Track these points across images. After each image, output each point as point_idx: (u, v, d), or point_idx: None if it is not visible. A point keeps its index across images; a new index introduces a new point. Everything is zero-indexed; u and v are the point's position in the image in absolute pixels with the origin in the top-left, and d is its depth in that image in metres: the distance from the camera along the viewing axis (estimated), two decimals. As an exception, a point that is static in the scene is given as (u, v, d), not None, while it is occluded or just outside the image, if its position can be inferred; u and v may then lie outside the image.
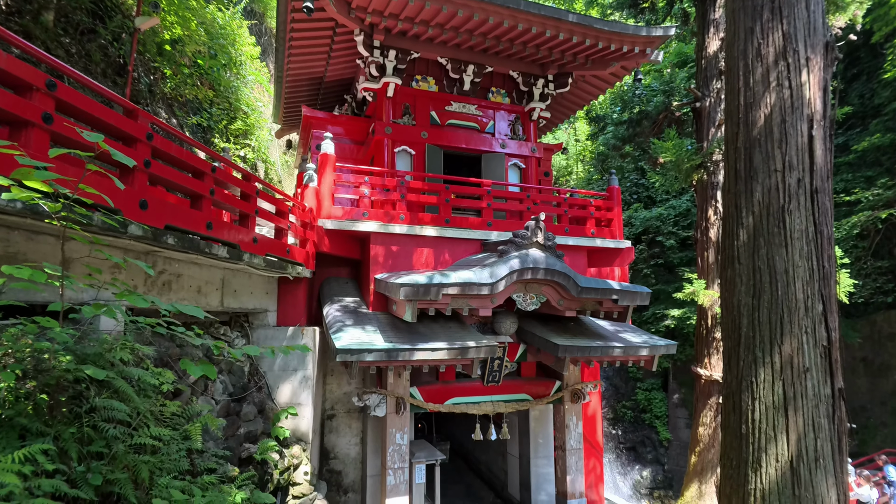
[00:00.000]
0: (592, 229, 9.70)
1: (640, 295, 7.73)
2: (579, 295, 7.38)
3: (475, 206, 8.97)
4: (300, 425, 7.34)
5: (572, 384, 8.88)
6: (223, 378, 6.24)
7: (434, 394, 8.11)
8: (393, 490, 7.51)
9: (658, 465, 17.67)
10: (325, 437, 8.92)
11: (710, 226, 10.50)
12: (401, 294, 6.45)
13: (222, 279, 6.28)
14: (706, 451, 9.80)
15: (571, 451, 8.76)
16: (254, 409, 6.54)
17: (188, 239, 4.72)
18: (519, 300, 7.33)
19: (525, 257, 7.13)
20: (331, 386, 9.04)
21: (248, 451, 5.92)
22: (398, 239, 8.30)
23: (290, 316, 7.78)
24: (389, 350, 6.59)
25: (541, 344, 7.92)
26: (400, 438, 7.66)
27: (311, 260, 7.68)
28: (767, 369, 4.32)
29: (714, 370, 9.91)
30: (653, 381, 18.65)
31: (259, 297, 7.21)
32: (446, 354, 6.88)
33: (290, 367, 7.40)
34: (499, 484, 10.95)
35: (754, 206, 4.63)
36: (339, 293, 8.49)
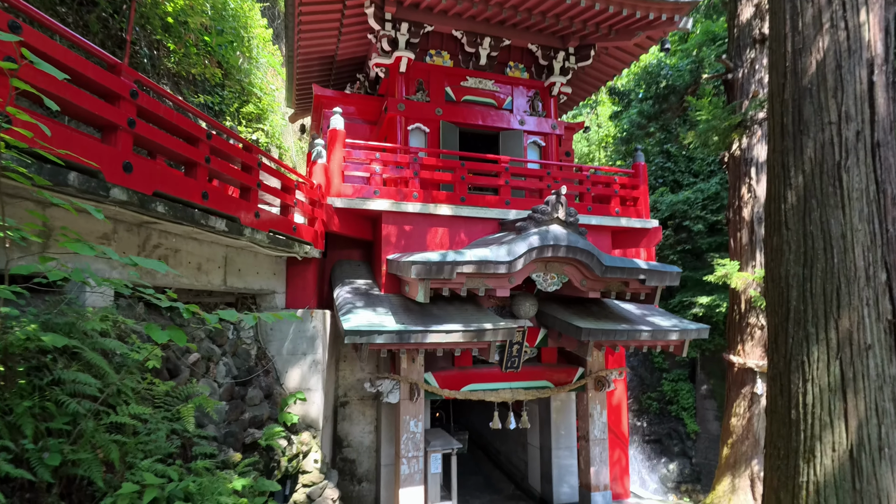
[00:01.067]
0: (617, 208, 9.17)
1: (669, 275, 7.21)
2: (603, 275, 6.89)
3: (492, 184, 8.52)
4: (310, 411, 7.04)
5: (596, 371, 8.40)
6: (227, 360, 5.95)
7: (450, 380, 7.73)
8: (407, 480, 7.17)
9: (685, 458, 17.04)
10: (338, 425, 8.63)
11: (744, 205, 9.86)
12: (413, 273, 6.06)
13: (225, 257, 5.98)
14: (739, 443, 9.24)
15: (595, 441, 8.30)
16: (260, 393, 6.25)
17: (181, 209, 4.40)
18: (539, 280, 6.89)
19: (545, 234, 6.67)
20: (343, 372, 8.75)
21: (252, 436, 5.62)
22: (411, 218, 7.91)
23: (299, 298, 7.47)
24: (401, 332, 6.22)
25: (562, 327, 7.46)
26: (414, 426, 7.31)
27: (319, 239, 7.34)
28: (822, 347, 3.82)
29: (748, 357, 9.32)
30: (679, 372, 17.99)
31: (266, 277, 6.91)
32: (461, 337, 6.49)
33: (299, 350, 7.09)
34: (518, 475, 10.55)
35: (805, 163, 4.10)
36: (351, 275, 8.16)
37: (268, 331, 7.10)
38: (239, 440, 5.43)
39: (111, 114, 3.68)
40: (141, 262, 2.63)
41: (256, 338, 6.99)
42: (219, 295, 6.46)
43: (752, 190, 9.84)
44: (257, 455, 5.63)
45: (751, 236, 9.76)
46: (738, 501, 8.96)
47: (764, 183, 9.84)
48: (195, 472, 4.01)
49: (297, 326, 7.13)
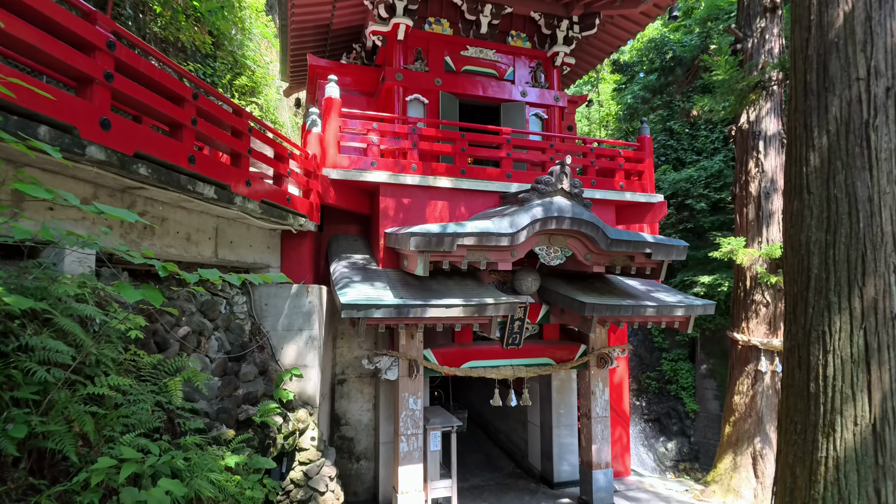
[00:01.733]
0: (621, 182, 8.91)
1: (675, 248, 7.00)
2: (609, 248, 6.68)
3: (493, 156, 8.24)
4: (306, 388, 6.86)
5: (598, 348, 8.24)
6: (219, 335, 5.75)
7: (450, 357, 7.55)
8: (406, 457, 7.04)
9: (684, 437, 17.04)
10: (336, 403, 8.48)
11: (751, 179, 9.61)
12: (412, 245, 5.83)
13: (216, 228, 5.73)
14: (742, 421, 9.13)
15: (597, 419, 8.17)
16: (254, 369, 6.06)
17: (166, 173, 4.14)
18: (542, 254, 6.67)
19: (549, 205, 6.43)
20: (341, 349, 8.57)
21: (246, 413, 5.44)
22: (410, 191, 7.65)
23: (294, 273, 7.25)
24: (399, 306, 6.02)
25: (565, 303, 7.27)
26: (413, 403, 7.16)
27: (315, 212, 7.09)
28: (844, 316, 3.61)
29: (752, 335, 9.16)
30: (679, 352, 17.90)
31: (259, 251, 6.67)
32: (462, 312, 6.29)
33: (295, 326, 6.89)
34: (519, 453, 10.47)
35: (829, 122, 3.85)
36: (348, 250, 7.92)
37: (262, 306, 6.89)
38: (232, 417, 5.25)
39: (86, 65, 3.40)
40: (108, 210, 2.39)
41: (250, 313, 6.78)
42: (208, 267, 6.22)
43: (759, 164, 9.57)
44: (251, 432, 5.46)
45: (758, 212, 9.52)
46: (740, 479, 8.89)
47: (772, 157, 9.59)
48: (184, 447, 3.83)
49: (292, 302, 6.92)
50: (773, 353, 9.04)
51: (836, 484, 3.46)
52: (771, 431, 8.98)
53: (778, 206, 9.49)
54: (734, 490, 8.90)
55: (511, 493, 8.73)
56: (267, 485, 5.12)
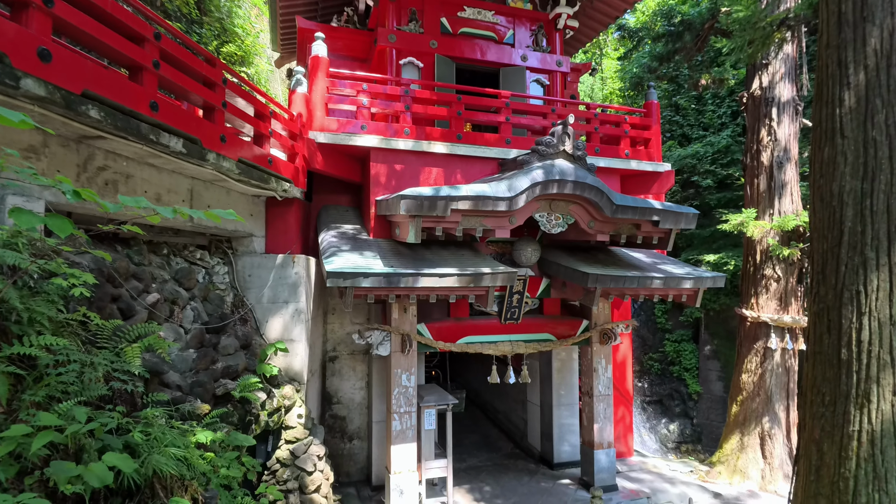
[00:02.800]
0: (627, 150, 8.45)
1: (685, 216, 6.57)
2: (614, 215, 6.25)
3: (492, 121, 7.78)
4: (293, 364, 6.51)
5: (601, 323, 7.86)
6: (196, 305, 5.36)
7: (445, 332, 7.18)
8: (399, 436, 6.70)
9: (686, 418, 16.78)
10: (328, 381, 8.14)
11: (763, 148, 9.13)
12: (403, 208, 5.42)
13: (190, 190, 5.31)
14: (750, 400, 8.79)
15: (599, 397, 7.82)
16: (235, 342, 5.69)
17: (123, 119, 3.71)
18: (542, 221, 6.25)
19: (550, 168, 6.00)
20: (332, 325, 8.20)
21: (224, 387, 5.08)
22: (403, 156, 7.21)
23: (280, 243, 6.85)
24: (389, 275, 5.62)
25: (567, 275, 6.87)
26: (406, 380, 6.80)
27: (300, 176, 6.66)
28: (883, 273, 3.20)
29: (762, 311, 8.77)
30: (682, 332, 17.55)
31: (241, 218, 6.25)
32: (457, 281, 5.89)
33: (281, 298, 6.51)
34: (517, 434, 10.17)
35: (867, 57, 3.40)
36: (337, 220, 7.51)
37: (245, 277, 6.50)
38: (209, 391, 4.89)
39: (19, -15, 2.96)
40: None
41: (233, 284, 6.40)
42: (188, 235, 5.82)
43: (772, 132, 9.09)
44: (231, 408, 5.10)
45: (769, 182, 9.07)
46: (747, 459, 8.57)
47: (786, 124, 9.11)
48: (145, 420, 3.46)
49: (277, 273, 6.53)
50: (783, 329, 8.66)
51: (871, 460, 3.08)
52: (780, 411, 8.64)
53: (791, 177, 9.04)
54: (741, 471, 8.58)
55: (510, 474, 8.43)
56: (246, 463, 4.78)
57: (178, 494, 3.48)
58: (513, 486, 7.90)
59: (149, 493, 3.34)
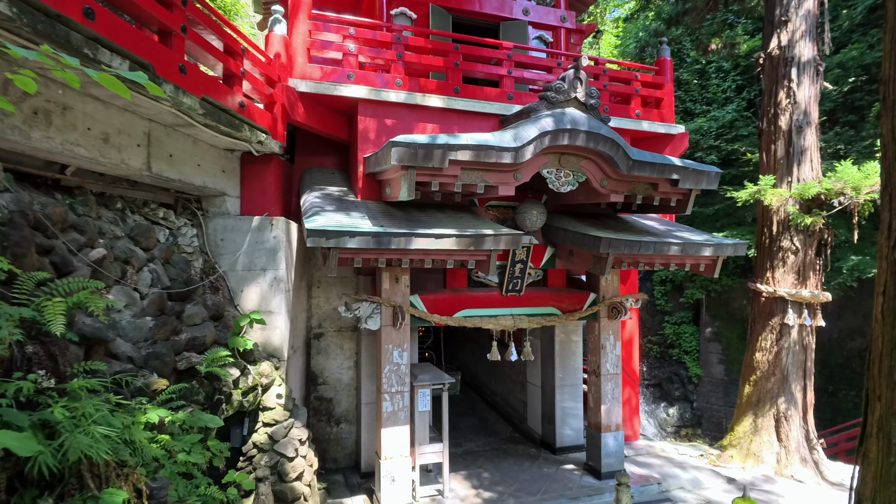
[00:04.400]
0: (638, 110, 7.78)
1: (706, 175, 5.94)
2: (630, 171, 5.60)
3: (492, 75, 7.08)
4: (271, 338, 5.83)
5: (610, 297, 7.24)
6: (155, 268, 4.65)
7: (441, 304, 6.53)
8: (390, 418, 6.07)
9: (686, 402, 16.34)
10: (312, 360, 7.48)
11: (781, 112, 8.51)
12: (394, 158, 4.72)
13: (147, 134, 4.57)
14: (764, 380, 8.26)
15: (607, 376, 7.23)
16: (203, 311, 4.99)
17: (46, 21, 2.98)
18: (551, 178, 5.58)
19: (561, 117, 5.32)
20: (317, 300, 7.52)
21: (188, 361, 4.40)
22: (394, 110, 6.49)
23: (257, 205, 6.13)
24: (379, 234, 4.94)
25: (576, 241, 6.23)
26: (398, 357, 6.16)
27: (279, 127, 5.93)
28: None
29: (778, 285, 8.20)
30: (682, 315, 17.06)
31: (211, 173, 5.53)
32: (455, 244, 5.23)
33: (257, 266, 5.81)
34: (516, 417, 9.59)
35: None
36: (322, 182, 6.80)
37: (217, 241, 5.79)
38: (168, 365, 4.20)
39: None
40: None
41: (202, 248, 5.69)
42: (148, 189, 5.09)
43: (791, 94, 8.46)
44: (196, 384, 4.42)
45: (788, 148, 8.45)
46: (761, 442, 8.05)
47: (806, 86, 8.47)
48: (70, 393, 2.78)
49: (253, 236, 5.83)
50: (801, 304, 8.10)
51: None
52: (797, 391, 8.11)
53: (811, 142, 8.42)
54: (754, 454, 8.07)
55: (509, 459, 7.85)
56: (212, 448, 4.12)
57: (117, 484, 2.81)
58: (513, 472, 7.33)
59: (75, 484, 2.67)
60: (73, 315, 3.43)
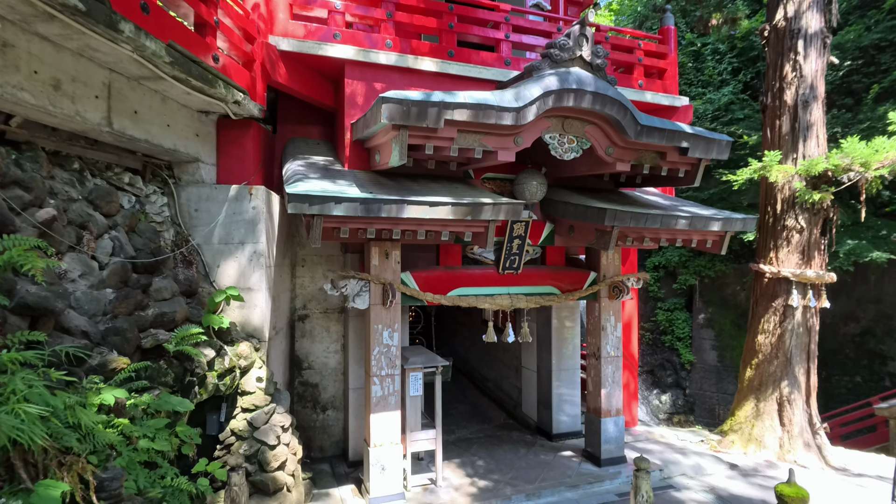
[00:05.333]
0: (640, 80, 7.40)
1: (717, 144, 5.58)
2: (637, 137, 5.22)
3: (489, 39, 6.64)
4: (251, 317, 5.39)
5: (611, 276, 6.90)
6: (117, 236, 4.18)
7: (434, 282, 6.12)
8: (380, 403, 5.67)
9: (678, 389, 16.18)
10: (297, 343, 7.05)
11: (787, 86, 8.18)
12: (384, 115, 4.28)
13: (108, 84, 4.08)
14: (767, 363, 8.00)
15: (608, 359, 6.91)
16: (173, 286, 4.53)
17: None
18: (553, 143, 5.17)
19: (565, 76, 4.90)
20: (302, 279, 7.08)
21: (155, 338, 3.95)
22: (383, 73, 6.03)
23: (235, 173, 5.65)
24: (368, 200, 4.51)
25: (578, 214, 5.85)
26: (388, 338, 5.75)
27: (258, 88, 5.45)
28: None
29: (782, 265, 7.92)
30: (675, 301, 16.86)
31: (183, 136, 5.04)
32: (451, 213, 4.81)
33: (235, 238, 5.35)
34: (511, 403, 9.26)
35: None
36: (306, 152, 6.33)
37: (191, 211, 5.32)
38: (131, 342, 3.75)
39: None
40: None
41: (174, 219, 5.21)
42: (110, 150, 4.59)
43: (798, 68, 8.13)
44: (164, 365, 3.98)
45: (793, 123, 8.14)
46: (763, 427, 7.80)
47: (813, 59, 8.14)
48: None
49: (231, 207, 5.36)
50: (805, 285, 7.83)
51: None
52: (800, 374, 7.86)
53: (817, 117, 8.12)
54: (756, 439, 7.82)
55: (504, 446, 7.51)
56: (181, 434, 3.68)
57: (58, 475, 2.38)
58: (509, 460, 6.99)
59: (3, 474, 2.24)
60: (15, 282, 2.97)
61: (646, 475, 4.50)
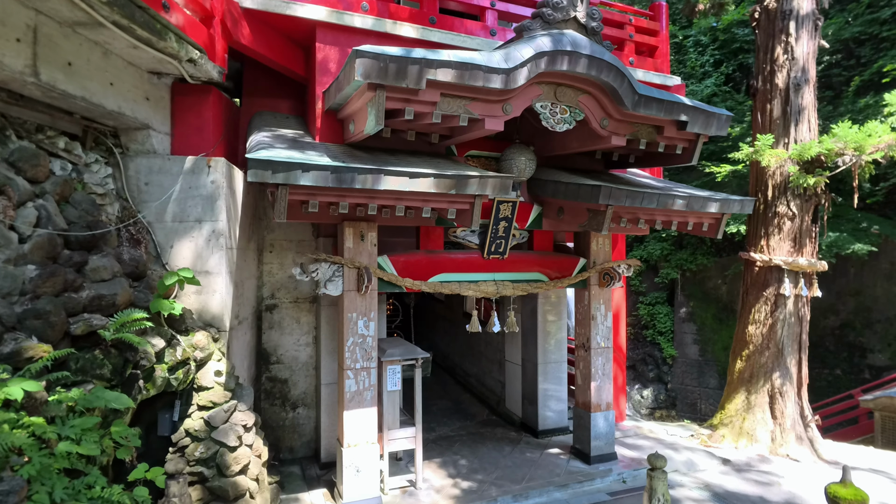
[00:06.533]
0: (632, 57, 7.04)
1: (716, 118, 5.23)
2: (635, 108, 4.82)
3: (473, 6, 6.19)
4: (209, 304, 4.83)
5: (601, 262, 6.52)
6: (45, 205, 3.58)
7: (414, 267, 5.64)
8: (354, 399, 5.17)
9: (660, 383, 16.03)
10: (264, 335, 6.49)
11: (778, 69, 7.93)
12: (358, 72, 3.78)
13: (33, 28, 3.48)
14: (758, 354, 7.74)
15: (598, 350, 6.53)
16: (115, 266, 3.95)
17: None
18: (545, 113, 4.73)
19: (559, 38, 4.47)
20: (270, 266, 6.52)
21: (87, 323, 3.38)
22: (359, 38, 5.50)
23: (192, 144, 5.06)
24: (340, 169, 4.01)
25: (569, 193, 5.43)
26: (364, 327, 5.25)
27: (217, 48, 4.87)
28: None
29: (774, 253, 7.66)
30: (656, 295, 16.71)
31: (130, 98, 4.45)
32: (433, 186, 4.34)
33: (191, 216, 4.78)
34: (493, 399, 8.83)
35: None
36: (274, 125, 5.77)
37: (140, 185, 4.72)
38: (56, 326, 3.18)
39: None
40: None
41: (121, 193, 4.61)
42: (41, 109, 3.97)
43: (789, 50, 7.88)
44: (99, 354, 3.41)
45: (785, 107, 7.89)
46: (755, 420, 7.53)
47: (804, 41, 7.90)
48: None
49: (186, 181, 4.79)
50: (797, 273, 7.59)
51: None
52: (792, 365, 7.62)
53: (809, 101, 7.89)
54: (747, 433, 7.55)
55: (488, 444, 7.08)
56: (115, 435, 3.13)
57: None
58: (493, 458, 6.55)
59: None
60: None
61: (662, 475, 4.09)
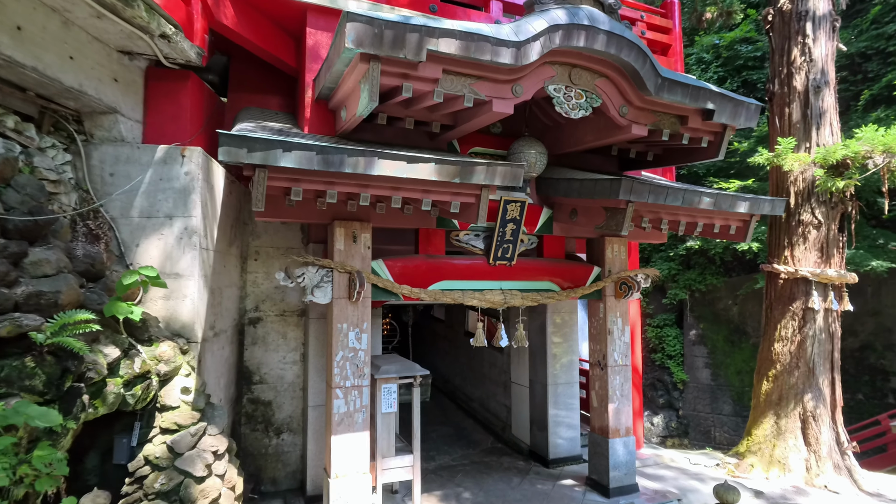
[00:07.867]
0: (644, 54, 6.61)
1: (745, 108, 4.75)
2: (658, 93, 4.34)
3: (476, -4, 5.80)
4: (178, 311, 4.24)
5: (618, 271, 5.96)
6: (-23, 184, 3.04)
7: (412, 273, 5.06)
8: (343, 422, 4.53)
9: (671, 410, 15.27)
10: (247, 351, 5.87)
11: (796, 71, 7.54)
12: (349, 38, 3.29)
13: (-30, -20, 3.01)
14: (786, 375, 7.11)
15: (616, 368, 5.92)
16: (61, 260, 3.38)
17: None
18: (559, 97, 4.24)
19: (575, 11, 4.02)
20: (255, 275, 5.95)
21: (15, 324, 2.79)
22: (353, 24, 5.07)
23: (167, 133, 4.56)
24: (327, 149, 3.49)
25: (584, 191, 4.91)
26: (355, 340, 4.64)
27: (197, 26, 4.41)
28: None
29: (800, 264, 7.12)
30: (665, 317, 16.08)
31: (94, 76, 3.96)
32: (434, 173, 3.81)
33: (161, 211, 4.23)
34: (498, 424, 8.14)
35: None
36: (260, 118, 5.28)
37: (104, 175, 4.19)
38: (-26, 325, 2.59)
39: None
40: None
41: (81, 184, 4.07)
42: (-15, 83, 3.47)
43: (807, 52, 7.51)
44: (30, 361, 2.81)
45: (804, 110, 7.47)
46: (786, 447, 6.85)
47: (822, 42, 7.54)
48: None
49: (157, 172, 4.26)
50: (826, 285, 7.02)
51: None
52: (825, 386, 6.99)
53: (830, 104, 7.47)
54: (779, 461, 6.86)
55: (494, 475, 6.38)
56: (37, 462, 2.51)
57: None
58: (500, 491, 5.86)
59: None
60: None
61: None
